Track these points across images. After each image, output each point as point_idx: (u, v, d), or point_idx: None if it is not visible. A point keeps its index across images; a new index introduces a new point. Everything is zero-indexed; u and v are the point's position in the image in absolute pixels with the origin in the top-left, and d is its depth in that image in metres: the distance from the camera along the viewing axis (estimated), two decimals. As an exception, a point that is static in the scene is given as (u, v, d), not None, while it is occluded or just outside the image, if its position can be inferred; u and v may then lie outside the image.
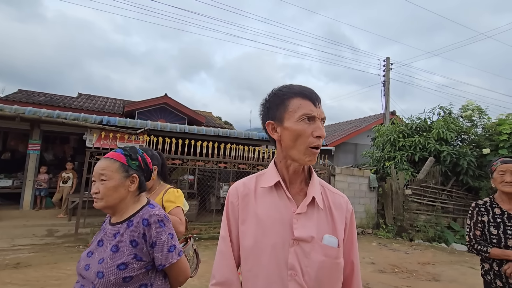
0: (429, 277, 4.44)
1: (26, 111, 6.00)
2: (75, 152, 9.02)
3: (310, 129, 0.83)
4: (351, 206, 0.97)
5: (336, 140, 10.52)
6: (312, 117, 0.83)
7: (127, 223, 1.13)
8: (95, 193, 1.13)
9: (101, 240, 1.14)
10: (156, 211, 1.16)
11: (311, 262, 0.81)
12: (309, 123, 0.83)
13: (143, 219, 1.12)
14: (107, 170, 1.14)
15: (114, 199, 1.13)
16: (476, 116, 8.58)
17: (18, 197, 6.88)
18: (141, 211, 1.15)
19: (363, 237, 7.01)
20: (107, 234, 1.14)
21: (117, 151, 1.21)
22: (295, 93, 0.86)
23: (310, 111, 0.83)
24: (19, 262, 4.05)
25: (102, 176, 1.13)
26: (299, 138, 0.83)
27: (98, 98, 14.04)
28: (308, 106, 0.84)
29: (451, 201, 7.90)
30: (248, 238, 0.86)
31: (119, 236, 1.10)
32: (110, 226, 1.16)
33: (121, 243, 1.08)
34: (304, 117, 0.83)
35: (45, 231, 5.69)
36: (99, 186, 1.12)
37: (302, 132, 0.83)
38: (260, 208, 0.88)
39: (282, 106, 0.87)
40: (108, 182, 1.12)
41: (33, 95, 11.73)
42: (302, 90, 0.87)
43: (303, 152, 0.84)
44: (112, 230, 1.14)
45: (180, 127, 7.18)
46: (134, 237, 1.09)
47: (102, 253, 1.09)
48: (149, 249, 1.10)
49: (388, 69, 11.45)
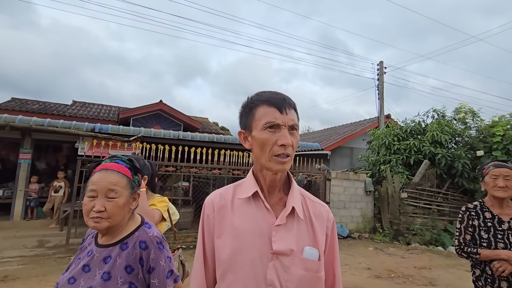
0: (425, 282, 4.39)
1: (16, 120, 5.93)
2: (68, 161, 8.91)
3: (274, 138, 0.79)
4: (332, 216, 0.93)
5: (332, 144, 10.51)
6: (276, 125, 0.80)
7: (120, 245, 0.99)
8: (99, 212, 0.96)
9: (87, 265, 0.98)
10: (154, 231, 1.05)
11: (291, 277, 0.78)
12: (273, 131, 0.80)
13: (141, 241, 1.00)
14: (118, 186, 1.00)
15: (120, 218, 1.00)
16: (469, 118, 8.64)
17: (8, 208, 6.75)
18: (136, 232, 1.03)
19: (359, 242, 6.96)
20: (94, 257, 0.99)
21: (119, 162, 1.07)
22: (262, 101, 0.83)
23: (274, 119, 0.80)
24: (7, 275, 3.94)
25: (112, 192, 0.98)
26: (263, 147, 0.80)
27: (93, 105, 13.98)
28: (272, 114, 0.80)
29: (447, 204, 7.89)
30: (225, 253, 0.82)
31: (111, 262, 0.96)
32: (98, 248, 1.01)
33: (113, 270, 0.95)
34: (267, 125, 0.80)
35: (36, 242, 5.58)
36: (106, 204, 0.97)
37: (266, 141, 0.80)
38: (237, 220, 0.84)
39: (250, 114, 0.85)
40: (118, 200, 0.99)
41: (27, 103, 11.64)
42: (269, 97, 0.83)
43: (270, 160, 0.80)
44: (102, 253, 0.99)
45: (174, 134, 7.13)
46: (129, 262, 0.97)
47: (89, 280, 0.94)
48: (145, 275, 0.99)
49: (382, 73, 11.54)
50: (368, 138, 10.04)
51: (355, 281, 4.31)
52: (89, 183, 1.01)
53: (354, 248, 6.31)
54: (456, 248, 1.82)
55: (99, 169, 1.05)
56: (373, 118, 12.43)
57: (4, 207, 6.98)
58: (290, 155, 0.81)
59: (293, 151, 0.81)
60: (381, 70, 11.57)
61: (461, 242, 1.78)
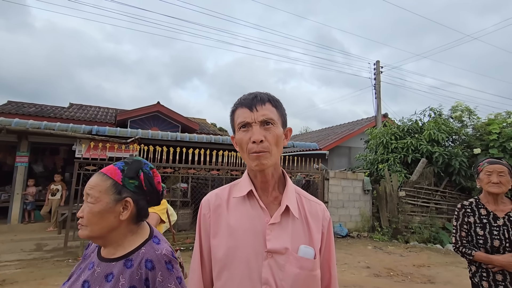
0: (424, 280, 4.41)
1: (12, 123, 5.89)
2: (66, 163, 8.87)
3: (247, 136, 0.81)
4: (328, 214, 0.93)
5: (330, 144, 10.53)
6: (247, 123, 0.82)
7: (124, 262, 0.87)
8: (79, 217, 0.88)
9: (87, 281, 0.86)
10: (162, 249, 0.91)
11: (285, 275, 0.78)
12: (246, 130, 0.82)
13: (147, 260, 0.87)
14: (95, 189, 0.88)
15: (100, 228, 0.87)
16: (465, 117, 8.70)
17: (6, 211, 6.71)
18: (143, 247, 0.90)
19: (358, 241, 6.98)
20: (95, 273, 0.87)
21: (116, 164, 0.95)
22: (237, 104, 0.87)
23: (244, 118, 0.82)
24: (5, 279, 3.92)
25: (89, 197, 0.88)
26: (241, 147, 0.84)
27: (90, 107, 13.93)
28: (243, 114, 0.83)
29: (445, 202, 7.93)
30: (220, 252, 0.83)
31: (114, 280, 0.84)
32: (99, 262, 0.89)
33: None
34: (240, 126, 0.83)
35: (34, 246, 5.54)
36: (85, 209, 0.88)
37: (241, 141, 0.83)
38: (232, 219, 0.85)
39: (232, 119, 0.89)
40: (93, 206, 0.87)
41: (23, 106, 11.58)
42: (242, 99, 0.86)
43: (248, 158, 0.82)
44: (104, 269, 0.87)
45: (171, 135, 7.12)
46: (133, 283, 0.84)
47: None
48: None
49: (378, 72, 11.59)
50: (365, 138, 10.08)
51: (355, 280, 4.32)
52: None
53: (353, 247, 6.32)
54: (453, 245, 1.84)
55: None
56: (371, 117, 12.47)
57: (1, 210, 6.94)
58: (268, 151, 0.80)
59: (271, 146, 0.81)
60: (377, 69, 11.62)
61: (458, 240, 1.80)
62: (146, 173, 0.96)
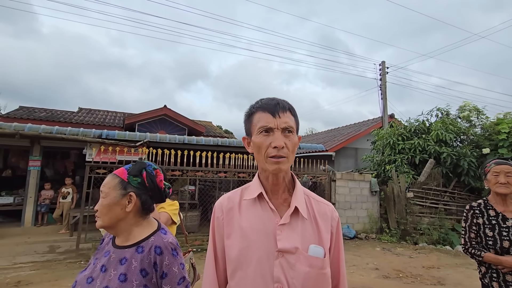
0: (434, 281, 4.38)
1: (25, 128, 6.06)
2: (76, 167, 9.04)
3: (268, 141, 0.84)
4: (337, 214, 0.96)
5: (336, 145, 10.51)
6: (269, 128, 0.85)
7: (136, 248, 1.02)
8: (95, 210, 1.06)
9: (104, 265, 1.01)
10: (169, 238, 1.07)
11: (296, 273, 0.81)
12: (267, 135, 0.85)
13: (156, 246, 1.02)
14: (106, 186, 1.06)
15: (109, 218, 1.03)
16: (474, 116, 8.60)
17: (19, 214, 6.87)
18: (152, 236, 1.05)
19: (366, 242, 6.95)
20: (111, 258, 1.02)
21: (125, 166, 1.13)
22: (258, 107, 0.90)
23: (267, 123, 0.85)
24: (20, 281, 4.03)
25: (102, 193, 1.06)
26: (259, 150, 0.86)
27: (99, 112, 14.17)
28: (265, 119, 0.86)
29: (454, 203, 7.85)
30: (234, 252, 0.87)
31: (127, 264, 0.99)
32: (114, 249, 1.05)
33: (129, 272, 0.98)
34: (261, 130, 0.86)
35: (47, 248, 5.68)
36: (99, 203, 1.06)
37: (260, 144, 0.86)
38: (244, 220, 0.89)
39: (249, 121, 0.92)
40: (104, 200, 1.04)
41: (34, 111, 11.85)
42: (264, 103, 0.89)
43: (265, 162, 0.86)
44: (118, 255, 1.02)
45: (179, 138, 7.21)
46: (144, 266, 0.99)
47: (106, 281, 0.98)
48: (158, 280, 1.01)
49: (384, 73, 11.54)
50: (372, 138, 10.03)
51: (363, 281, 4.31)
52: None
53: (362, 249, 6.30)
54: (462, 246, 1.85)
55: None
56: (377, 118, 12.41)
57: (15, 213, 7.11)
58: (286, 156, 0.85)
59: (289, 152, 0.85)
60: (383, 70, 11.57)
61: (467, 241, 1.81)
62: (149, 172, 1.12)
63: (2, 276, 4.17)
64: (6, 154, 8.08)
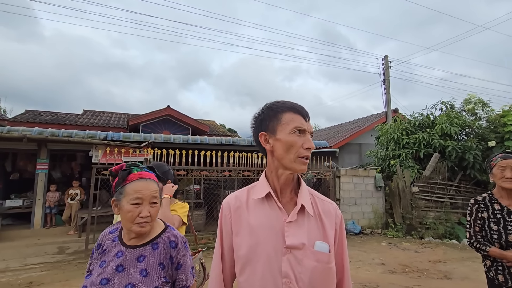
0: (440, 276, 4.38)
1: (32, 132, 6.15)
2: (83, 169, 9.16)
3: (301, 141, 0.89)
4: (340, 212, 1.00)
5: (340, 141, 10.50)
6: (303, 130, 0.90)
7: (151, 245, 1.10)
8: (145, 217, 1.07)
9: (121, 265, 1.05)
10: (179, 233, 1.18)
11: (304, 268, 0.84)
12: (300, 135, 0.89)
13: (171, 241, 1.12)
14: (157, 193, 1.13)
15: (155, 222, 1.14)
16: (479, 109, 8.52)
17: (29, 217, 7.00)
18: (164, 233, 1.14)
19: (372, 238, 6.95)
20: (127, 258, 1.07)
21: (149, 171, 1.18)
22: (288, 108, 0.93)
23: (301, 124, 0.90)
24: (32, 281, 4.12)
25: (155, 199, 1.11)
26: (290, 149, 0.89)
27: (103, 113, 14.29)
28: (299, 120, 0.91)
29: (460, 196, 7.80)
30: (243, 249, 0.90)
31: (146, 260, 1.06)
32: (128, 249, 1.09)
33: (149, 267, 1.05)
34: (296, 130, 0.89)
35: (56, 249, 5.78)
36: (150, 210, 1.08)
37: (294, 143, 0.89)
38: (252, 219, 0.92)
39: (275, 119, 0.93)
40: (158, 205, 1.12)
41: (40, 114, 12.00)
42: (294, 106, 0.94)
43: (294, 161, 0.89)
44: (134, 254, 1.08)
45: (183, 138, 7.26)
46: (162, 260, 1.08)
47: (126, 278, 1.02)
48: (173, 271, 1.10)
49: (387, 67, 11.46)
50: (376, 134, 9.99)
51: (369, 277, 4.33)
52: (130, 191, 1.08)
53: (367, 244, 6.31)
54: (467, 240, 1.87)
55: (136, 177, 1.12)
56: (381, 113, 12.34)
57: (25, 216, 7.24)
58: (308, 159, 0.92)
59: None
60: (386, 64, 11.49)
61: (472, 235, 1.82)
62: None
63: (14, 277, 4.26)
64: (14, 157, 8.21)
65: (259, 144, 0.97)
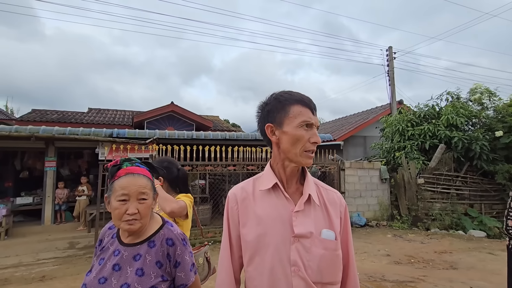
0: (446, 266, 4.39)
1: (40, 130, 6.26)
2: (90, 166, 9.29)
3: (308, 135, 0.89)
4: (344, 201, 1.01)
5: (344, 134, 10.45)
6: (311, 124, 0.90)
7: (148, 243, 1.05)
8: (133, 214, 1.00)
9: (117, 264, 1.03)
10: (177, 229, 1.13)
11: (312, 256, 0.87)
12: (307, 129, 0.89)
13: (168, 238, 1.07)
14: (147, 188, 1.06)
15: (148, 219, 1.06)
16: (486, 99, 8.40)
17: (39, 213, 7.15)
18: (161, 230, 1.09)
19: (377, 230, 6.97)
20: (124, 256, 1.04)
21: (140, 166, 1.11)
22: (296, 100, 0.91)
23: (309, 118, 0.89)
24: (45, 275, 4.24)
25: (143, 195, 1.04)
26: (297, 143, 0.89)
27: (108, 111, 14.40)
28: (307, 114, 0.90)
29: (466, 187, 7.75)
30: (251, 239, 0.92)
31: (142, 259, 1.03)
32: (124, 247, 1.05)
33: (145, 266, 1.02)
34: (303, 124, 0.89)
35: (67, 244, 5.92)
36: (138, 206, 1.02)
37: (301, 138, 0.89)
38: (259, 209, 0.94)
39: (283, 111, 0.91)
40: (148, 201, 1.05)
41: (46, 113, 12.15)
42: (302, 98, 0.92)
43: (300, 155, 0.90)
44: (130, 252, 1.04)
45: (187, 134, 7.31)
46: (158, 258, 1.04)
47: (123, 278, 1.00)
48: (171, 269, 1.06)
49: (391, 58, 11.31)
50: (380, 126, 9.93)
51: (375, 267, 4.36)
52: (117, 187, 1.03)
53: (373, 236, 6.33)
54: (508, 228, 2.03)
55: (124, 173, 1.06)
56: (385, 105, 12.22)
57: (35, 213, 7.41)
58: (314, 151, 0.92)
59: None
60: (390, 55, 11.34)
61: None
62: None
63: (28, 272, 4.39)
64: (23, 156, 8.36)
65: (264, 135, 0.97)
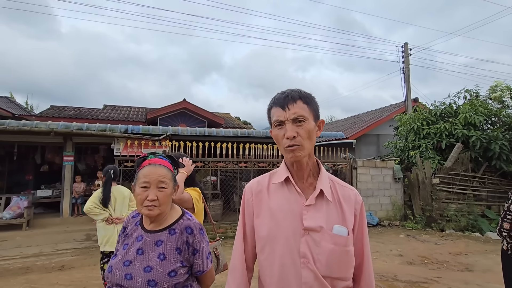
0: (461, 268, 4.29)
1: (59, 126, 6.48)
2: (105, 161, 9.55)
3: (282, 132, 0.92)
4: (360, 198, 1.01)
5: (357, 132, 10.30)
6: (281, 122, 0.92)
7: (168, 231, 1.14)
8: (152, 200, 1.10)
9: (140, 248, 1.12)
10: (195, 219, 1.22)
11: (321, 250, 0.88)
12: (281, 127, 0.93)
13: (187, 227, 1.16)
14: (167, 178, 1.15)
15: (166, 206, 1.16)
16: (506, 97, 8.08)
17: (58, 206, 7.44)
18: (181, 219, 1.18)
19: (390, 230, 6.87)
20: (146, 242, 1.13)
21: (163, 158, 1.22)
22: (272, 103, 0.97)
23: (278, 117, 0.93)
24: (64, 265, 4.43)
25: (163, 183, 1.13)
26: (278, 142, 0.96)
27: (122, 108, 14.74)
28: (277, 113, 0.94)
29: (484, 188, 7.51)
30: (263, 230, 0.96)
31: (163, 245, 1.12)
32: (147, 233, 1.15)
33: (167, 251, 1.10)
34: (276, 124, 0.94)
35: (84, 236, 6.14)
36: (158, 193, 1.11)
37: (277, 137, 0.95)
38: (272, 202, 0.97)
39: (269, 116, 1.00)
40: (167, 190, 1.14)
41: (64, 110, 12.57)
42: (276, 98, 0.96)
43: (284, 151, 0.94)
44: (153, 238, 1.13)
45: (199, 131, 7.40)
46: (178, 245, 1.13)
47: (145, 261, 1.09)
48: (190, 256, 1.14)
49: (406, 55, 11.03)
50: (395, 124, 9.73)
51: (387, 267, 4.31)
52: (140, 175, 1.15)
53: (385, 236, 6.25)
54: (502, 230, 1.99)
55: (147, 163, 1.17)
56: (400, 103, 11.95)
57: (54, 205, 7.71)
58: (300, 144, 0.91)
59: (303, 139, 0.91)
60: (406, 52, 11.06)
61: None
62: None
63: (48, 261, 4.60)
64: (43, 151, 8.70)
65: None
